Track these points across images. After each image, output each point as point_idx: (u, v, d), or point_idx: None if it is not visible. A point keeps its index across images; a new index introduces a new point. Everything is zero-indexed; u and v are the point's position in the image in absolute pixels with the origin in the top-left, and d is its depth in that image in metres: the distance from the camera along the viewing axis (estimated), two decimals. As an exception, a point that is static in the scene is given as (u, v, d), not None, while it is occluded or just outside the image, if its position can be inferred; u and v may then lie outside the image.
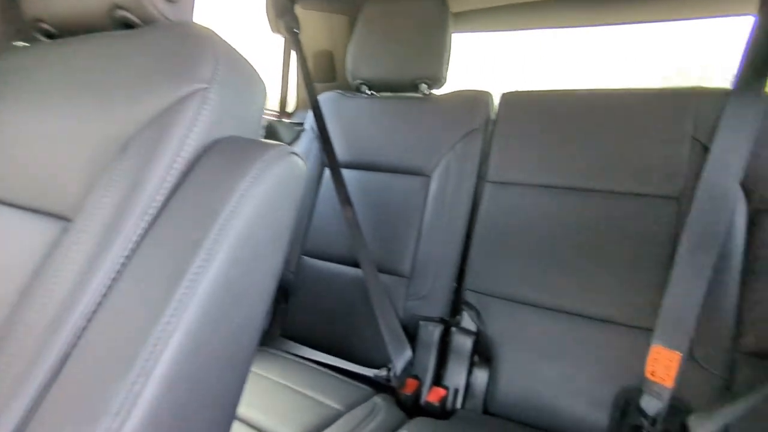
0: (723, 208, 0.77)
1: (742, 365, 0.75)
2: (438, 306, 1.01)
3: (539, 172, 0.97)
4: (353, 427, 0.82)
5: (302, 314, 1.17)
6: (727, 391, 0.74)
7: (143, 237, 0.40)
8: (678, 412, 0.76)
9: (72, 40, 0.56)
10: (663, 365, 0.75)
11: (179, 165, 0.43)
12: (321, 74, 1.57)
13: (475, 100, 1.07)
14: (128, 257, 0.40)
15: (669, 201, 0.85)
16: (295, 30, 1.31)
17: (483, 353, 0.97)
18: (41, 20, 0.58)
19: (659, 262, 0.83)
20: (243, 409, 0.83)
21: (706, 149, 0.82)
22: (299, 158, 0.48)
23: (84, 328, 0.38)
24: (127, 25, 0.53)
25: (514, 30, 1.36)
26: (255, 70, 0.53)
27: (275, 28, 1.47)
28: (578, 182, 0.93)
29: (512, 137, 1.02)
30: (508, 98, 1.06)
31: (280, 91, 1.55)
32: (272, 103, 1.60)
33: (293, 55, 1.44)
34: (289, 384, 0.94)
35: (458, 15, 1.37)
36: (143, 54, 0.48)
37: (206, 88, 0.44)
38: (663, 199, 0.86)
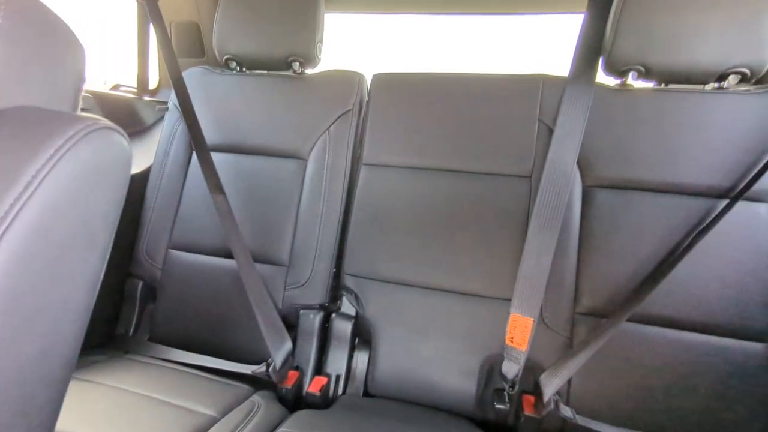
0: (564, 185, 0.86)
1: (579, 324, 0.86)
2: (318, 293, 0.99)
3: (409, 153, 1.00)
4: None
5: (173, 314, 1.06)
6: (569, 349, 0.85)
7: None
8: (532, 372, 0.84)
9: None
10: (520, 331, 0.83)
11: None
12: (187, 49, 1.41)
13: (348, 80, 1.05)
14: None
15: (522, 180, 0.93)
16: None
17: (363, 336, 0.97)
18: None
19: (516, 237, 0.91)
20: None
21: (550, 131, 0.90)
22: (120, 135, 0.40)
23: None
24: None
25: (383, 13, 1.39)
26: (65, 25, 0.42)
27: None
28: (445, 163, 0.97)
29: (384, 119, 1.03)
30: (380, 79, 1.06)
31: (137, 66, 1.37)
32: (131, 80, 1.41)
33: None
34: (155, 395, 0.85)
35: None
36: None
37: None
38: (517, 178, 0.93)
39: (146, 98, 1.37)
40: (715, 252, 0.81)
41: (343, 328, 0.96)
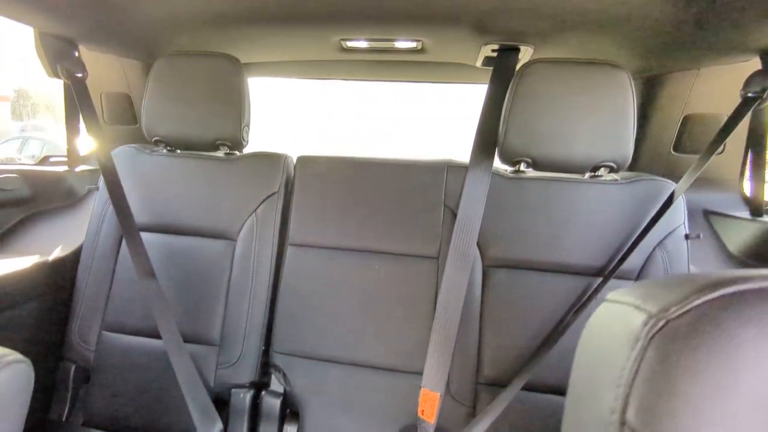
0: (465, 265, 0.96)
1: (482, 394, 0.96)
2: (248, 371, 1.04)
3: (331, 234, 1.07)
4: None
5: (106, 396, 1.08)
6: (472, 417, 0.94)
7: None
8: None
9: None
10: (429, 405, 0.92)
11: None
12: (119, 116, 1.43)
13: (274, 162, 1.11)
14: None
15: (431, 261, 1.02)
16: (78, 75, 1.16)
17: (292, 412, 1.03)
18: None
19: (426, 314, 1.00)
20: None
21: (454, 215, 1.00)
22: (24, 364, 0.42)
23: None
24: None
25: (296, 78, 1.61)
26: None
27: (52, 73, 1.28)
28: (363, 244, 1.05)
29: (307, 200, 1.10)
30: (303, 162, 1.12)
31: (66, 139, 1.37)
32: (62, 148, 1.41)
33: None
34: None
35: (248, 65, 1.48)
36: None
37: None
38: (426, 259, 1.03)
39: (78, 169, 1.38)
40: None
41: (272, 405, 1.02)
